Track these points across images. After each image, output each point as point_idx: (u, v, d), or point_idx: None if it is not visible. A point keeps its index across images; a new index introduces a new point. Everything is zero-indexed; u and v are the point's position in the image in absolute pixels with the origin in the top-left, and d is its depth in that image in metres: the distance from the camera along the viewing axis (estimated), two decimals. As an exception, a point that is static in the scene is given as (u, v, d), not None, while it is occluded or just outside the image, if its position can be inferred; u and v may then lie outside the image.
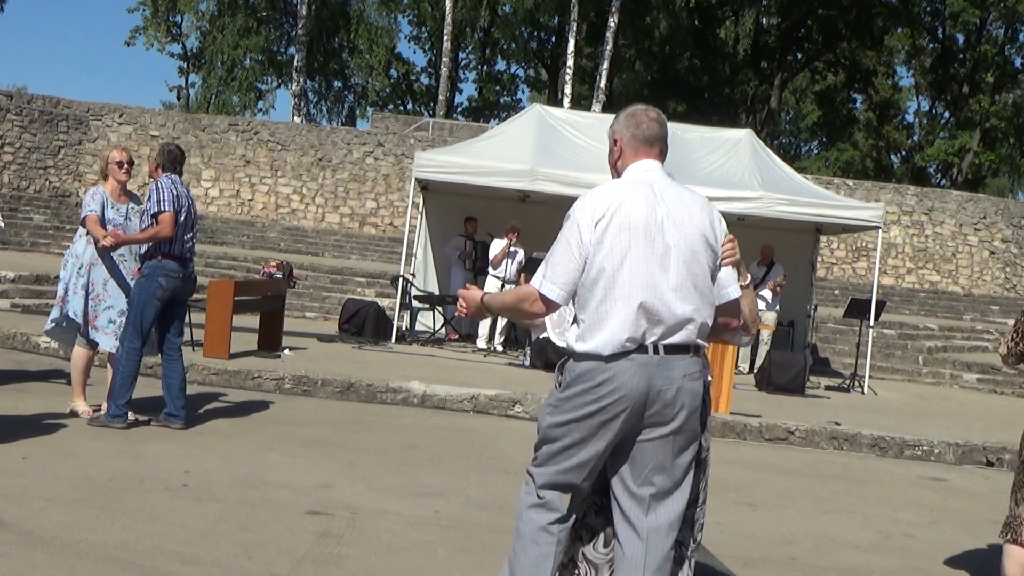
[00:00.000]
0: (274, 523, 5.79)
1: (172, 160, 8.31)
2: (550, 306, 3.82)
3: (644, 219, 3.79)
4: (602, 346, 3.71)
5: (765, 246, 16.77)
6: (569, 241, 3.79)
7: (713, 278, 3.89)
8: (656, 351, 3.73)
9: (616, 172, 4.12)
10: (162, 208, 7.93)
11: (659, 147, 4.13)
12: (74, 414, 8.23)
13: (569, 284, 3.77)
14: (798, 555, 6.42)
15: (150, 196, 8.09)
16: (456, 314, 3.72)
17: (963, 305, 27.93)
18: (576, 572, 4.03)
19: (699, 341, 3.83)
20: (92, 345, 8.37)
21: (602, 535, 4.02)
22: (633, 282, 3.72)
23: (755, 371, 15.69)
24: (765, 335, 16.37)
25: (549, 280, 3.79)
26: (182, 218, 8.05)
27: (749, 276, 4.24)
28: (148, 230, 8.02)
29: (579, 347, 3.78)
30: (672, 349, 3.75)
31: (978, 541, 7.22)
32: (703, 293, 3.83)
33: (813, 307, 17.95)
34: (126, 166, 8.47)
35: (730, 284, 4.00)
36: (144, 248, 8.14)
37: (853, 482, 9.06)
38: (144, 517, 5.67)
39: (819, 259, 20.61)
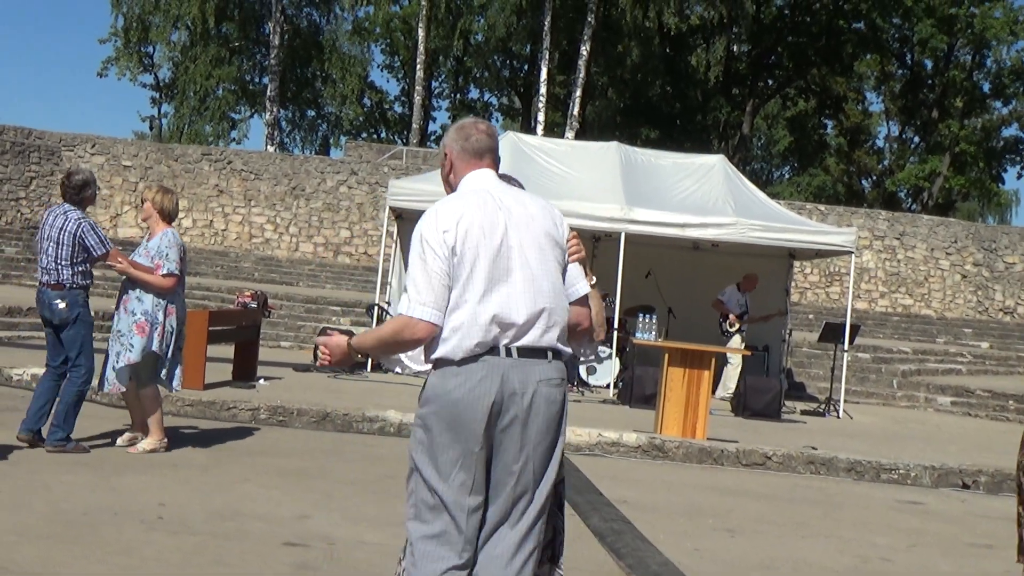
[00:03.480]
0: (250, 555, 5.74)
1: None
2: (431, 329, 3.72)
3: (489, 226, 3.80)
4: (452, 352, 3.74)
5: (751, 274, 16.83)
6: (425, 260, 3.74)
7: (563, 276, 3.93)
8: (509, 354, 3.74)
9: (450, 186, 4.08)
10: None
11: (490, 157, 4.08)
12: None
13: (441, 301, 3.72)
14: (777, 580, 6.41)
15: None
16: (319, 363, 3.61)
17: (936, 328, 28.10)
18: None
19: (558, 345, 3.83)
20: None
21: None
22: (484, 289, 3.73)
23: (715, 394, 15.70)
24: (735, 359, 16.41)
25: (418, 303, 3.71)
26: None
27: (595, 277, 4.25)
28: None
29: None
30: (526, 352, 3.76)
31: (956, 564, 7.24)
32: (555, 292, 3.85)
33: (788, 332, 18.00)
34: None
35: (579, 280, 4.03)
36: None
37: (830, 506, 9.07)
38: (119, 551, 5.61)
39: (793, 284, 20.69)
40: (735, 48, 49.13)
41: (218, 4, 41.14)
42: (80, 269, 8.28)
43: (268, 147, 38.94)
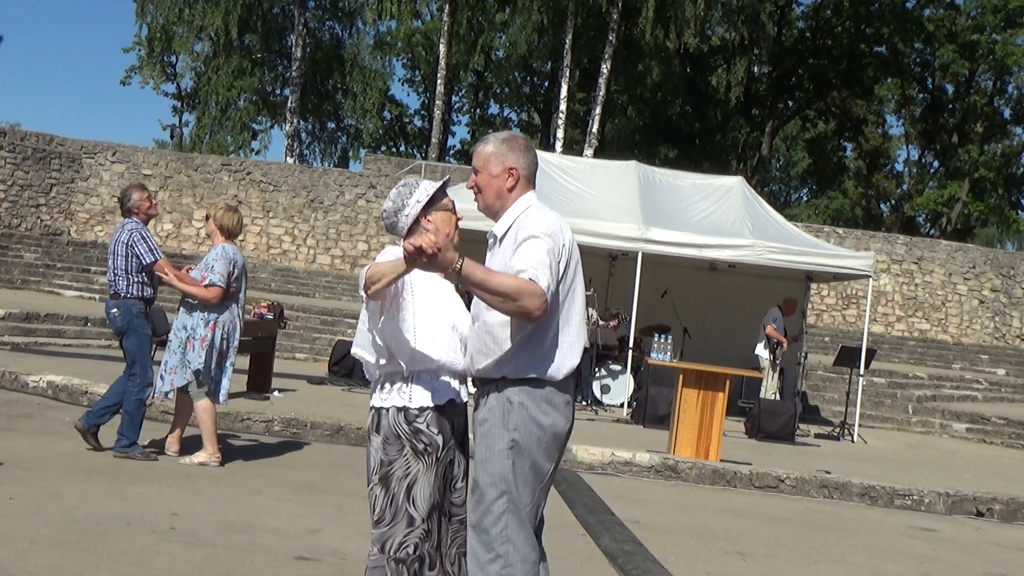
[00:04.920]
0: (261, 568, 5.75)
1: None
2: (544, 313, 3.78)
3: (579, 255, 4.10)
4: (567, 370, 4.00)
5: (791, 298, 16.95)
6: (551, 256, 3.86)
7: None
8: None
9: (497, 202, 4.09)
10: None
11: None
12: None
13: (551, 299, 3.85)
14: (788, 606, 6.39)
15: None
16: (413, 244, 3.48)
17: (952, 354, 27.97)
18: None
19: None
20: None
21: (427, 560, 4.17)
22: (580, 315, 4.02)
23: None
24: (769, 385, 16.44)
25: (547, 285, 3.77)
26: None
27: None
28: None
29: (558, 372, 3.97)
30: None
31: (968, 593, 7.19)
32: None
33: (803, 354, 17.95)
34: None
35: None
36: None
37: (843, 531, 9.03)
38: (130, 561, 5.63)
39: (809, 306, 20.64)
40: (756, 69, 49.15)
41: (241, 15, 41.31)
42: (136, 280, 8.45)
43: (288, 159, 39.05)
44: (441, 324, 4.19)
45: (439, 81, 41.30)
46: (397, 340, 4.17)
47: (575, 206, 16.01)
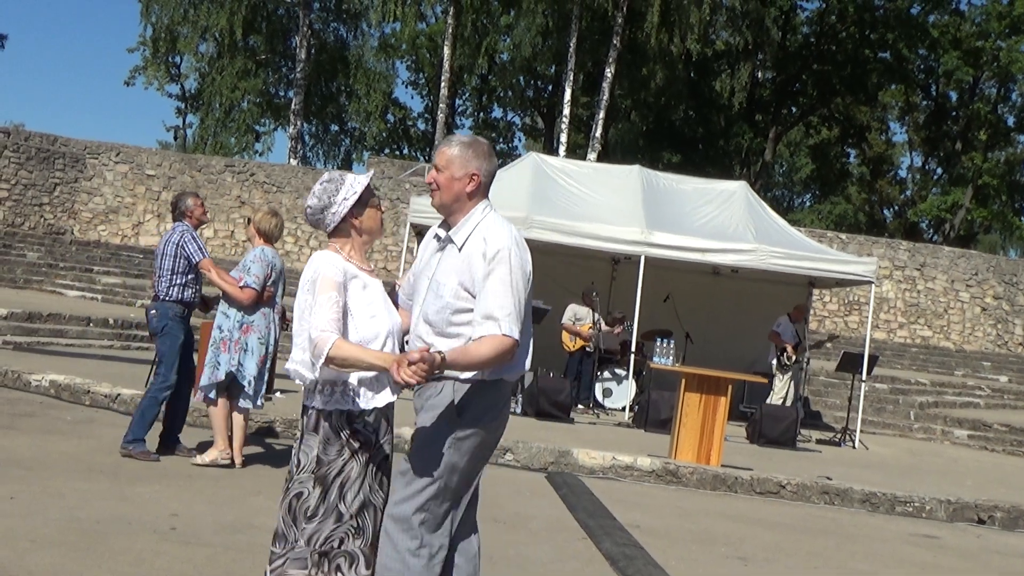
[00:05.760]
0: (261, 569, 5.70)
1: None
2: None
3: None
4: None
5: (801, 304, 16.99)
6: (517, 283, 4.03)
7: None
8: None
9: (456, 204, 4.17)
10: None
11: None
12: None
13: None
14: (788, 611, 6.37)
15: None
16: (409, 380, 3.60)
17: (954, 361, 27.94)
18: None
19: None
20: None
21: (362, 557, 4.17)
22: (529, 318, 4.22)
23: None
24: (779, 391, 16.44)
25: (515, 325, 3.98)
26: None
27: None
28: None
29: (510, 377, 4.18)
30: None
31: (969, 600, 7.18)
32: None
33: (805, 360, 17.94)
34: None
35: None
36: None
37: (843, 538, 9.02)
38: (130, 561, 5.63)
39: (811, 312, 20.63)
40: (760, 74, 49.13)
41: (246, 17, 41.33)
42: (179, 283, 8.53)
43: (291, 160, 39.07)
44: (381, 332, 4.21)
45: (443, 84, 41.31)
46: None
47: (578, 210, 16.03)
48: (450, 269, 4.07)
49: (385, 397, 4.21)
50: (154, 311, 8.52)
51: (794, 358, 16.43)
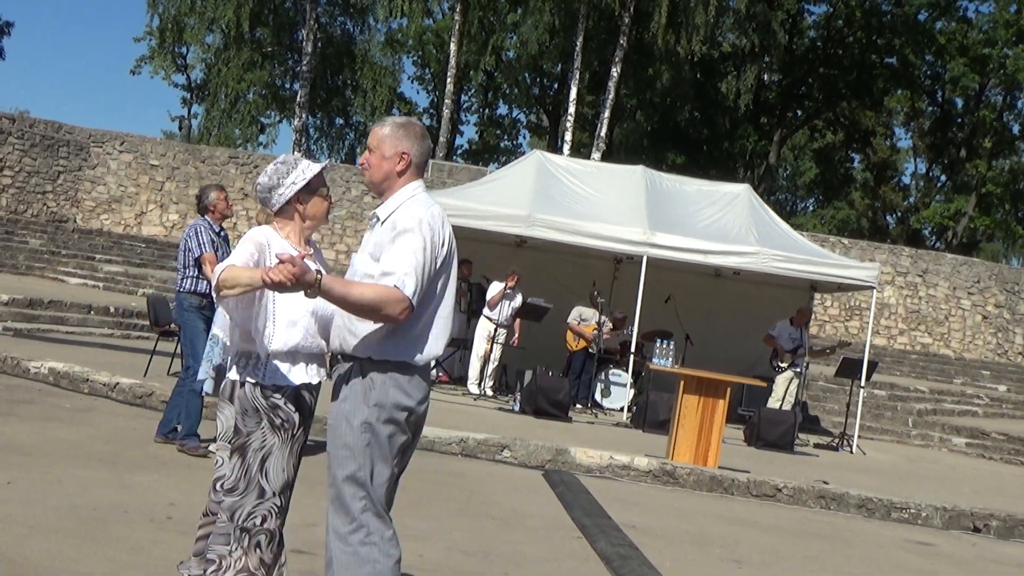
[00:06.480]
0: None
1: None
2: (408, 315, 3.91)
3: (454, 246, 4.15)
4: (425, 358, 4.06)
5: (804, 307, 16.93)
6: (425, 252, 3.94)
7: None
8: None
9: (385, 184, 4.16)
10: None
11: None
12: None
13: (419, 295, 3.94)
14: (782, 614, 6.39)
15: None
16: (268, 275, 3.55)
17: (954, 368, 27.94)
18: None
19: None
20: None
21: (278, 536, 4.29)
22: (449, 305, 4.11)
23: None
24: (777, 392, 16.39)
25: (413, 287, 3.89)
26: None
27: None
28: None
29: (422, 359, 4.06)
30: None
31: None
32: None
33: (805, 364, 17.94)
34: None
35: None
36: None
37: (839, 542, 9.03)
38: (128, 549, 5.64)
39: (813, 316, 20.63)
40: (766, 77, 49.10)
41: (253, 9, 41.32)
42: (191, 275, 8.63)
43: (295, 153, 39.00)
44: (300, 310, 4.26)
45: (449, 80, 41.31)
46: (255, 325, 4.26)
47: (581, 209, 16.03)
48: (369, 242, 4.11)
49: (299, 376, 4.27)
50: (173, 303, 8.80)
51: (786, 364, 16.41)
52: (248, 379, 4.25)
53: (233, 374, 4.31)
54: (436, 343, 4.08)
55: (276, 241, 4.32)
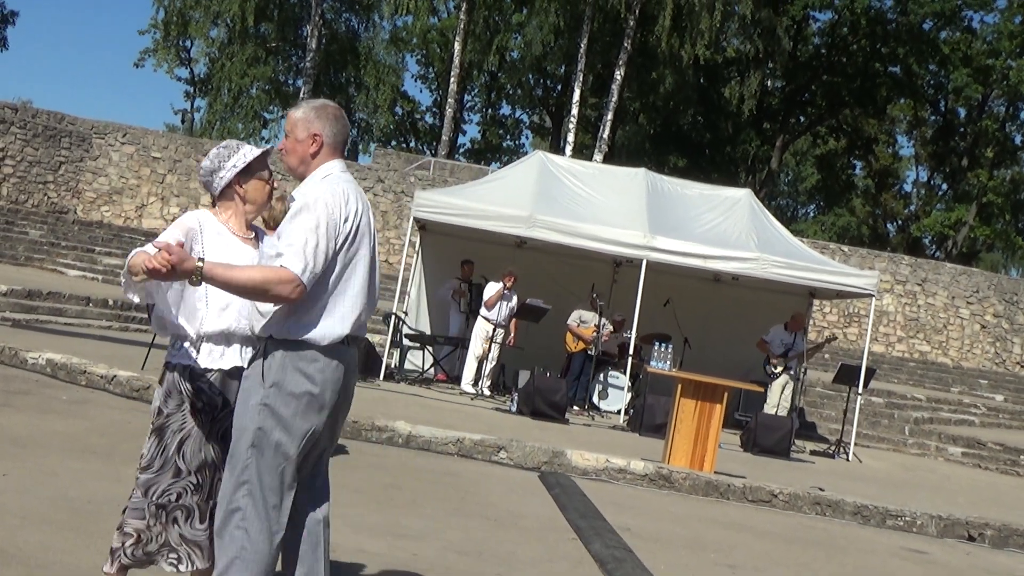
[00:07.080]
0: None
1: None
2: (301, 296, 3.88)
3: (369, 223, 4.14)
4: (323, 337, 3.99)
5: (798, 312, 16.91)
6: (324, 232, 3.91)
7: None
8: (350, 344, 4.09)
9: (304, 169, 4.18)
10: None
11: (343, 148, 4.32)
12: None
13: (319, 276, 3.92)
14: (775, 621, 6.38)
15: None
16: (146, 265, 3.55)
17: (951, 377, 27.94)
18: (174, 555, 4.26)
19: None
20: None
21: (197, 512, 4.25)
22: (363, 283, 4.10)
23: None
24: (771, 399, 16.39)
25: (310, 268, 3.86)
26: None
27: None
28: None
29: (323, 339, 4.00)
30: (355, 343, 4.12)
31: (956, 617, 7.18)
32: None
33: (802, 370, 17.94)
34: None
35: None
36: None
37: (834, 549, 9.02)
38: (121, 542, 5.62)
39: (811, 323, 20.63)
40: (769, 83, 49.14)
41: (258, 4, 41.38)
42: None
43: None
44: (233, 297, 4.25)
45: (452, 79, 41.35)
46: (187, 306, 4.27)
47: (582, 210, 16.03)
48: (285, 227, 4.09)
49: (230, 360, 4.27)
50: None
51: (779, 369, 16.39)
52: (179, 361, 4.27)
53: (167, 356, 4.34)
54: (342, 322, 4.02)
55: (211, 225, 4.32)
